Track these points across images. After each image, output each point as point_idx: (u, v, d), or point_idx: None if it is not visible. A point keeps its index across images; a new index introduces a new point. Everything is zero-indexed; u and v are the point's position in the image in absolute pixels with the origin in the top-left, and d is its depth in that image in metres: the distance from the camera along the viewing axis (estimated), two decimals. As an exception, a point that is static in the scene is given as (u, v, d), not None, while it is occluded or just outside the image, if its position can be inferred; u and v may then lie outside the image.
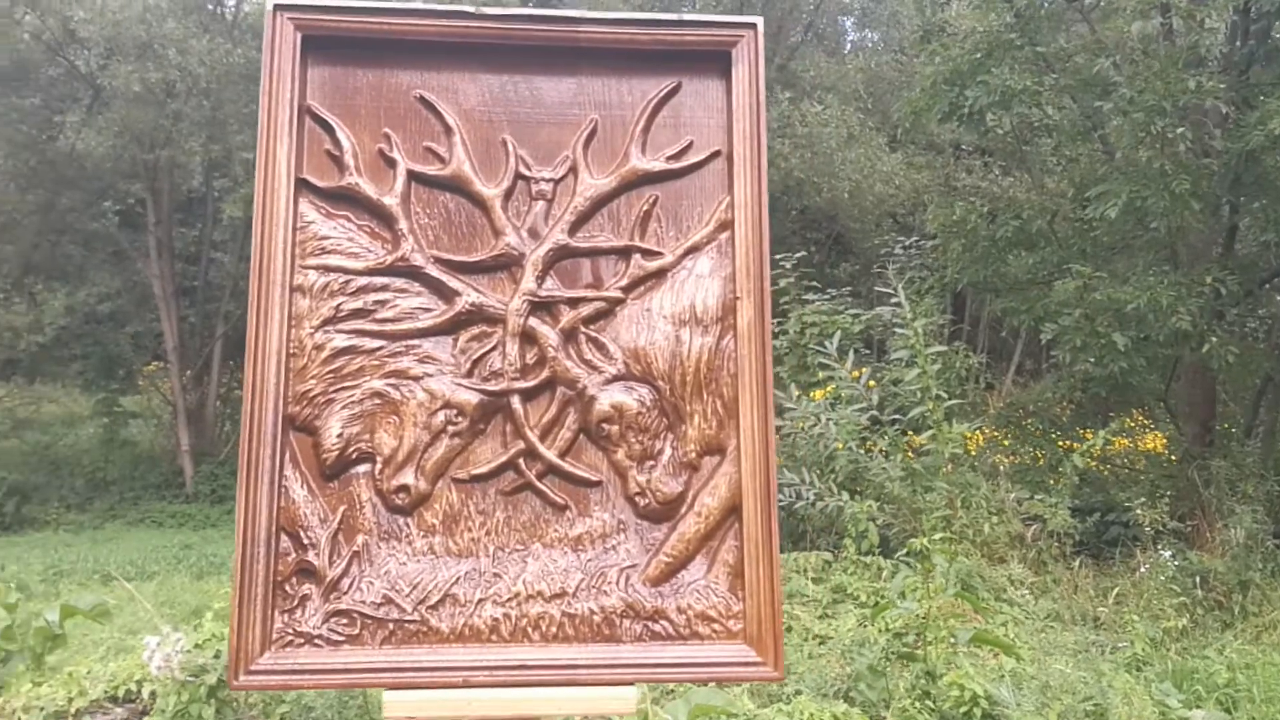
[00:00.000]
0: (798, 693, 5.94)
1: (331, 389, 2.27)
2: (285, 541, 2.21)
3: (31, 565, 13.40)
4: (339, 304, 2.30)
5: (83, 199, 21.38)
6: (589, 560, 2.27)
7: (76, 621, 6.24)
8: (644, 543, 2.29)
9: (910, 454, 9.84)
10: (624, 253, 2.38)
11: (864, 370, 10.43)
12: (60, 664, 5.93)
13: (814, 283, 12.37)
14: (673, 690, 5.57)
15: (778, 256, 12.19)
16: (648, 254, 2.37)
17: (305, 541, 2.21)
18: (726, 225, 2.38)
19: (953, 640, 6.03)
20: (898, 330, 9.94)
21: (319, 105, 2.37)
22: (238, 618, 2.13)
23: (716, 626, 2.25)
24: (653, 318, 2.35)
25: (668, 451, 2.31)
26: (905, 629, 6.25)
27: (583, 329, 2.34)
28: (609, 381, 2.32)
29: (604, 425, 2.30)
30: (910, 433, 9.87)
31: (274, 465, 2.20)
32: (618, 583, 2.26)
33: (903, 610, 6.14)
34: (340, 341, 2.29)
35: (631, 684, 2.18)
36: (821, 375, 10.56)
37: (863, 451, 9.72)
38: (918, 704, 5.52)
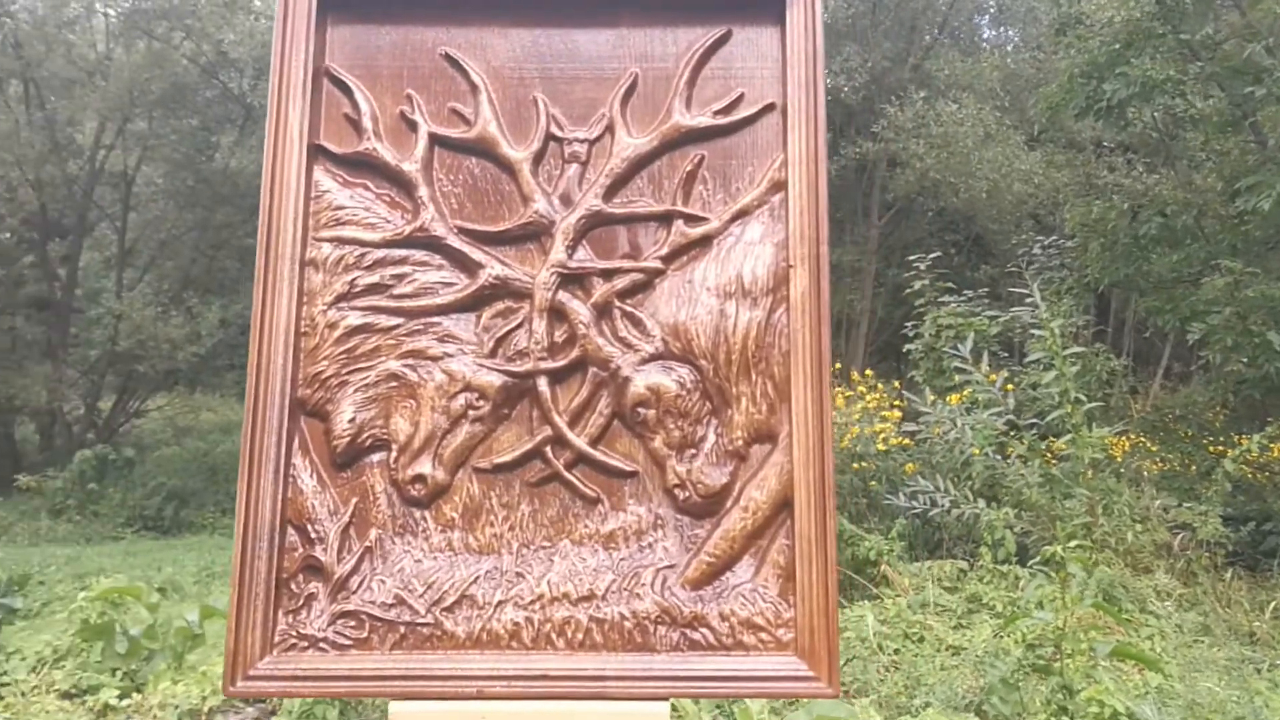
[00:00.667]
0: (927, 705, 5.70)
1: (344, 370, 2.05)
2: (292, 536, 2.00)
3: (186, 567, 13.78)
4: (354, 279, 2.08)
5: (237, 215, 22.06)
6: (622, 559, 2.00)
7: (217, 622, 6.28)
8: (684, 541, 2.00)
9: (1049, 460, 9.34)
10: (665, 219, 2.10)
11: (1001, 373, 9.95)
12: (199, 663, 5.97)
13: (950, 284, 11.90)
14: (794, 702, 5.29)
15: (911, 258, 11.80)
16: (691, 219, 2.09)
17: (313, 536, 2.00)
18: (780, 185, 2.09)
19: (1092, 653, 5.69)
20: (1035, 332, 9.43)
21: (338, 67, 2.16)
22: (236, 618, 1.92)
23: (764, 635, 1.95)
24: (695, 290, 2.07)
25: (711, 439, 2.02)
26: (1041, 640, 5.93)
27: (617, 303, 2.07)
28: (645, 361, 2.04)
29: (639, 409, 2.02)
30: (1050, 438, 9.37)
31: (279, 453, 2.00)
32: (653, 585, 1.98)
33: (1038, 621, 5.81)
34: (354, 319, 2.07)
35: (665, 699, 1.90)
36: (957, 379, 10.15)
37: (999, 457, 9.27)
38: (1054, 719, 5.13)
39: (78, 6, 22.43)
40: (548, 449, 2.03)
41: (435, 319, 2.07)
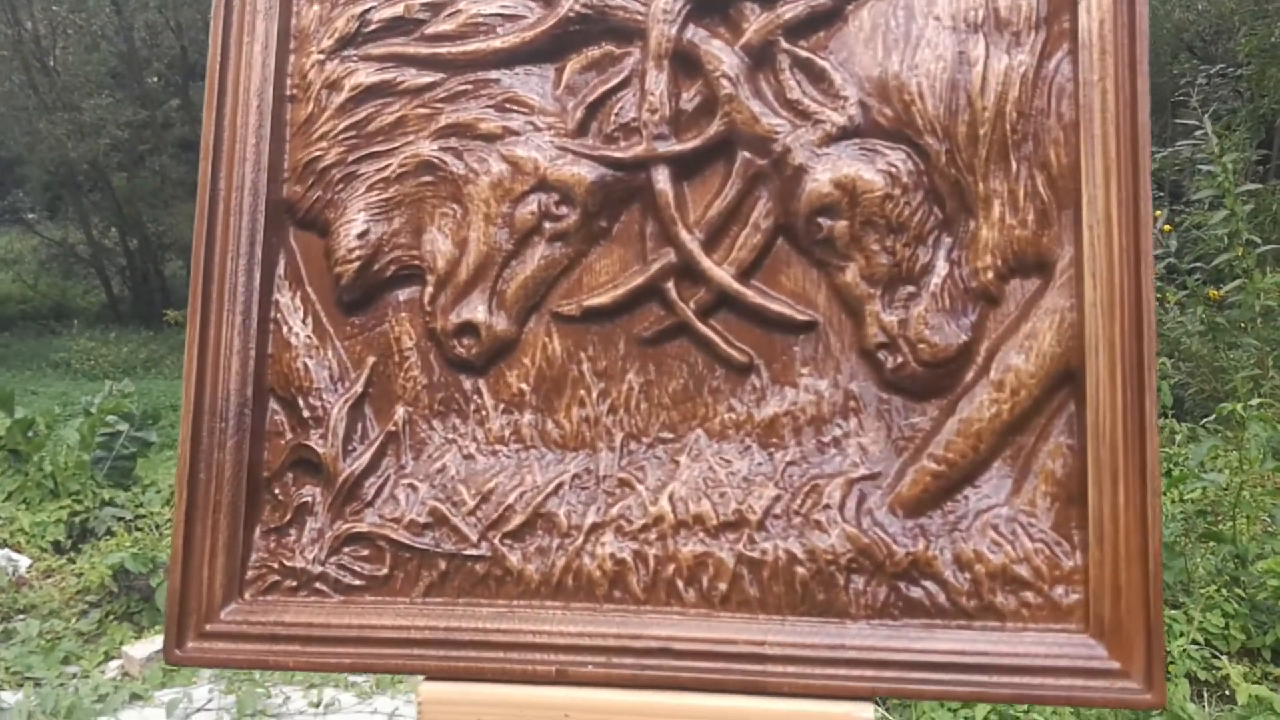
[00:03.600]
0: (1080, 566, 5.09)
1: (353, 157, 1.23)
2: (275, 413, 1.22)
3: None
4: (365, 11, 1.24)
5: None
6: (790, 464, 1.16)
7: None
8: (893, 435, 1.15)
9: (1212, 307, 8.36)
10: (866, -98, 1.20)
11: (1158, 214, 8.86)
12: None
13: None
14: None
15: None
16: (911, -97, 1.19)
17: (306, 415, 1.21)
18: None
19: (1268, 520, 5.12)
20: (1202, 168, 8.29)
21: None
22: (185, 543, 1.16)
23: (1030, 596, 1.10)
24: (916, 21, 1.17)
25: (941, 268, 1.15)
26: (1208, 504, 5.36)
27: (784, 45, 1.19)
28: (832, 139, 1.17)
29: (822, 219, 1.16)
30: (1211, 285, 8.37)
31: (252, 283, 1.20)
32: (843, 507, 1.14)
33: (1206, 482, 5.12)
34: (367, 75, 1.24)
35: (866, 698, 1.09)
36: (1109, 220, 9.12)
37: (1155, 303, 8.29)
38: (1225, 591, 4.61)
39: None
40: (670, 285, 1.20)
41: (492, 74, 1.23)
